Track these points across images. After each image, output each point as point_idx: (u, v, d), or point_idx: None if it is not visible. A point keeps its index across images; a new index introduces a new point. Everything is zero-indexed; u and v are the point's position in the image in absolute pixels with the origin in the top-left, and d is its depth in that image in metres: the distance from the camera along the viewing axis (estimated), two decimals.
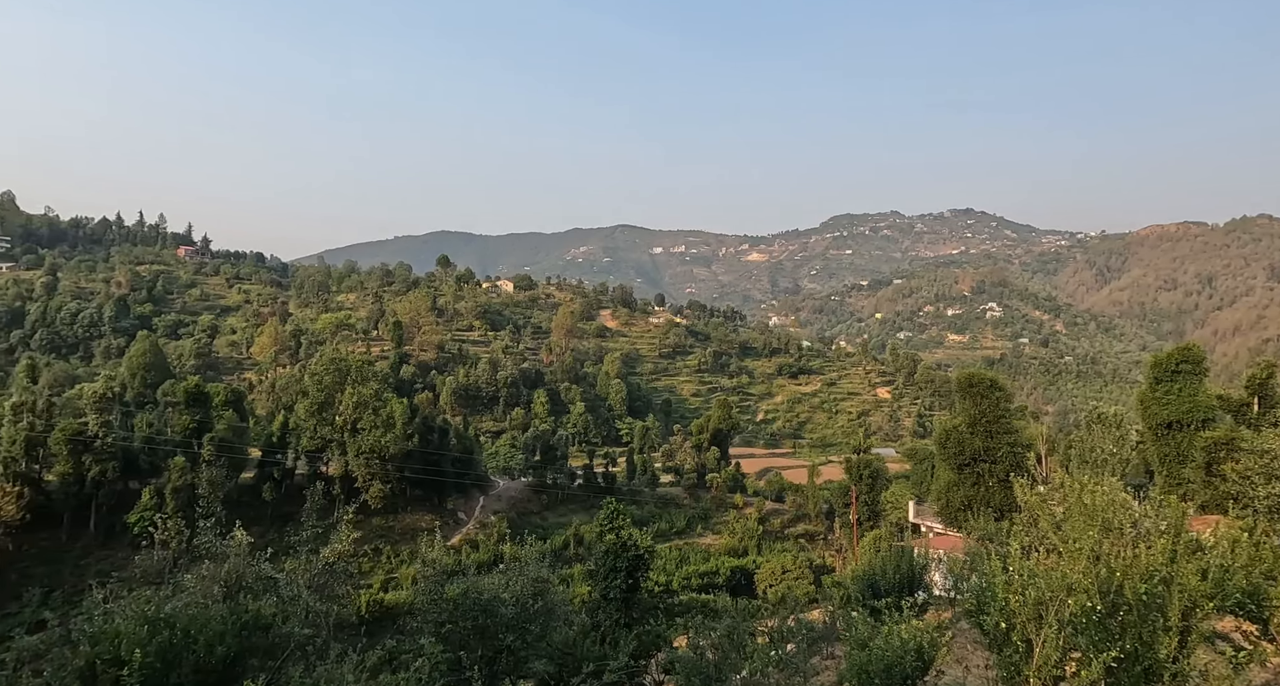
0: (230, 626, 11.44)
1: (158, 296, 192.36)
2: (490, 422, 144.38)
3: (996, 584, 8.24)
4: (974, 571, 16.53)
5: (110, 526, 60.52)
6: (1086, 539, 8.77)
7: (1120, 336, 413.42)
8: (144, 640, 10.24)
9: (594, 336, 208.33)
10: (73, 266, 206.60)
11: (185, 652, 10.75)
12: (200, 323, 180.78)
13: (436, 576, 15.43)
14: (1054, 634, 7.39)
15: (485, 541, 66.54)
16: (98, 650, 10.30)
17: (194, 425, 64.97)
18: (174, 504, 56.67)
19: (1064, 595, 7.50)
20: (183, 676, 10.62)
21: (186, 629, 11.02)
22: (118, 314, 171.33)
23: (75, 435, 61.47)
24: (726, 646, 15.70)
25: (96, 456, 61.49)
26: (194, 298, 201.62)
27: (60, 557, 58.65)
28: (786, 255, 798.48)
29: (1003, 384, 37.70)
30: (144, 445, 65.88)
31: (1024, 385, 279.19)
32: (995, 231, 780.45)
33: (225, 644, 11.18)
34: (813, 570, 57.17)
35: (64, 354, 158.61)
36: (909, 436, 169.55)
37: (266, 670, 11.67)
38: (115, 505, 61.57)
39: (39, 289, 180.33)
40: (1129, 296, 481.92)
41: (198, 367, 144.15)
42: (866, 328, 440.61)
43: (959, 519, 32.57)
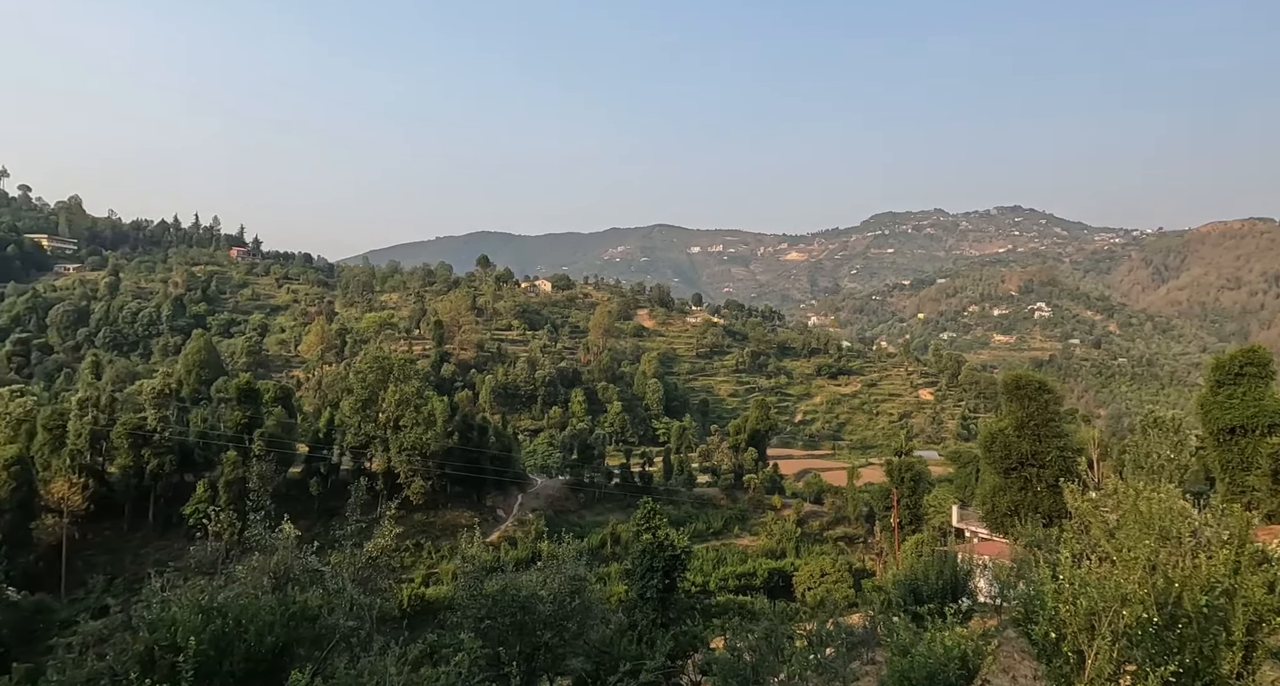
0: (279, 617, 11.80)
1: (212, 296, 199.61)
2: (528, 421, 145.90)
3: (1046, 592, 7.97)
4: (1021, 578, 16.06)
5: (168, 517, 63.02)
6: (1142, 548, 8.42)
7: (1179, 337, 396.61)
8: (199, 628, 10.62)
9: (631, 336, 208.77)
10: (133, 267, 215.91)
11: (237, 641, 11.12)
12: (251, 321, 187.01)
13: (476, 572, 15.67)
14: (1107, 645, 7.12)
15: (523, 538, 67.29)
16: (156, 636, 10.72)
17: (245, 421, 67.16)
18: (226, 497, 58.70)
19: (1118, 605, 7.22)
20: (234, 664, 10.99)
21: (238, 618, 11.41)
22: (174, 313, 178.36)
23: (135, 429, 64.18)
24: (764, 648, 15.56)
25: (155, 450, 64.11)
26: (245, 297, 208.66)
27: (121, 546, 61.33)
28: (826, 254, 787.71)
29: (1052, 386, 36.47)
30: (199, 439, 68.44)
31: (1074, 387, 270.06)
32: (1044, 229, 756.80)
33: (274, 633, 11.54)
34: (852, 573, 56.32)
35: (125, 351, 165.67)
36: (952, 439, 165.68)
37: (313, 660, 11.99)
38: (172, 497, 64.11)
39: (103, 289, 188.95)
40: (1188, 296, 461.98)
41: (249, 365, 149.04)
42: (908, 328, 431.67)
43: (1005, 524, 31.67)
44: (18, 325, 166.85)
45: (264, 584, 13.66)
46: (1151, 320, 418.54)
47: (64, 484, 58.46)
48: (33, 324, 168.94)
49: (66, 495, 57.82)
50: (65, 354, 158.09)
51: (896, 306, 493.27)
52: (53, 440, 61.91)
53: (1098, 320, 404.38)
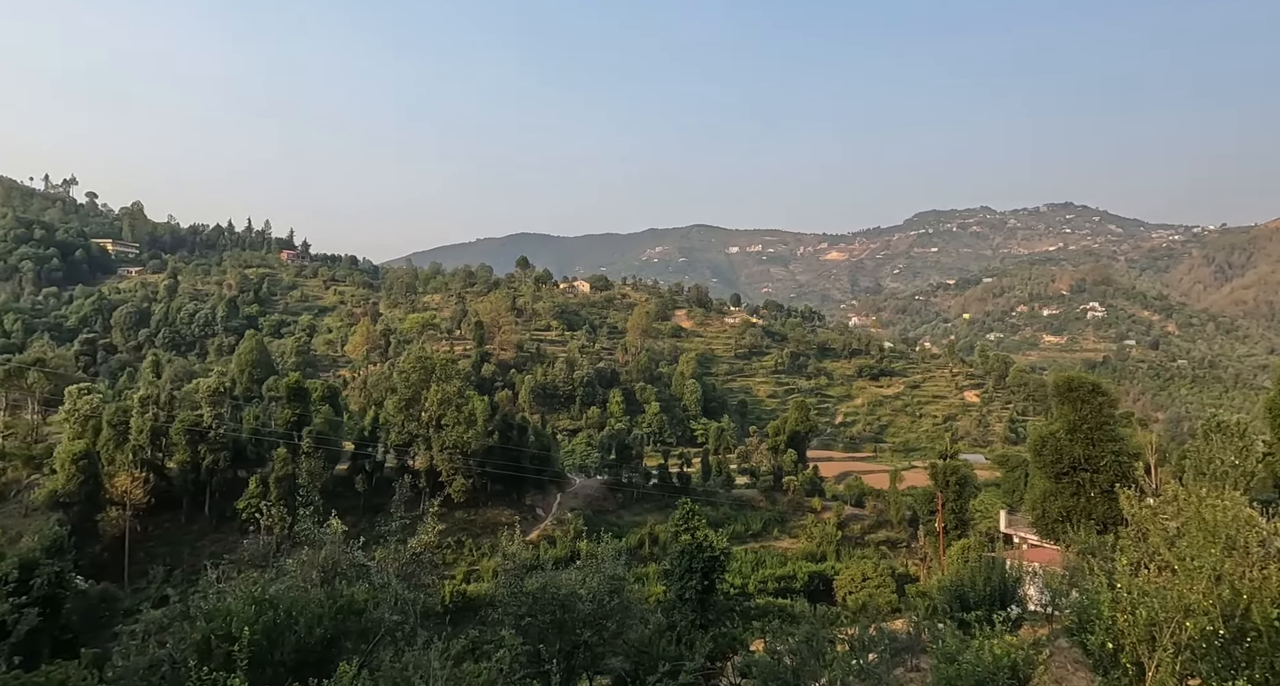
0: (327, 609, 12.12)
1: (263, 297, 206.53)
2: (567, 421, 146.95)
3: (1102, 601, 7.67)
4: (1075, 587, 15.52)
5: (222, 511, 65.37)
6: (1207, 557, 8.04)
7: (1244, 338, 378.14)
8: (252, 619, 10.98)
9: (669, 336, 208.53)
10: (190, 270, 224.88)
11: (287, 632, 11.46)
12: (300, 322, 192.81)
13: (516, 570, 15.83)
14: (1169, 658, 6.81)
15: (562, 537, 67.81)
16: (212, 626, 11.12)
17: (295, 419, 69.22)
18: (277, 492, 60.59)
19: (1181, 617, 6.90)
20: (285, 654, 11.32)
21: (289, 610, 11.75)
22: (228, 314, 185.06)
23: (192, 426, 66.79)
24: (805, 652, 15.36)
25: (210, 446, 66.58)
26: (295, 299, 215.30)
27: (179, 539, 63.88)
28: (867, 254, 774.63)
29: (1106, 388, 35.11)
30: (251, 436, 70.79)
31: (1130, 390, 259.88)
32: (1098, 226, 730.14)
33: (323, 626, 11.86)
34: (895, 578, 55.20)
35: (183, 351, 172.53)
36: (1000, 442, 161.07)
37: (360, 653, 12.28)
38: (226, 492, 66.47)
39: (162, 291, 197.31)
40: (1255, 295, 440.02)
41: (298, 365, 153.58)
42: (953, 328, 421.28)
43: (1056, 531, 30.61)
44: (85, 326, 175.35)
45: (313, 577, 14.04)
46: (1214, 320, 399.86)
47: (127, 478, 61.14)
48: (99, 324, 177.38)
49: (129, 489, 60.46)
50: (128, 353, 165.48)
51: (940, 306, 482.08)
52: (117, 436, 64.80)
53: (1155, 320, 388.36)
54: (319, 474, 64.45)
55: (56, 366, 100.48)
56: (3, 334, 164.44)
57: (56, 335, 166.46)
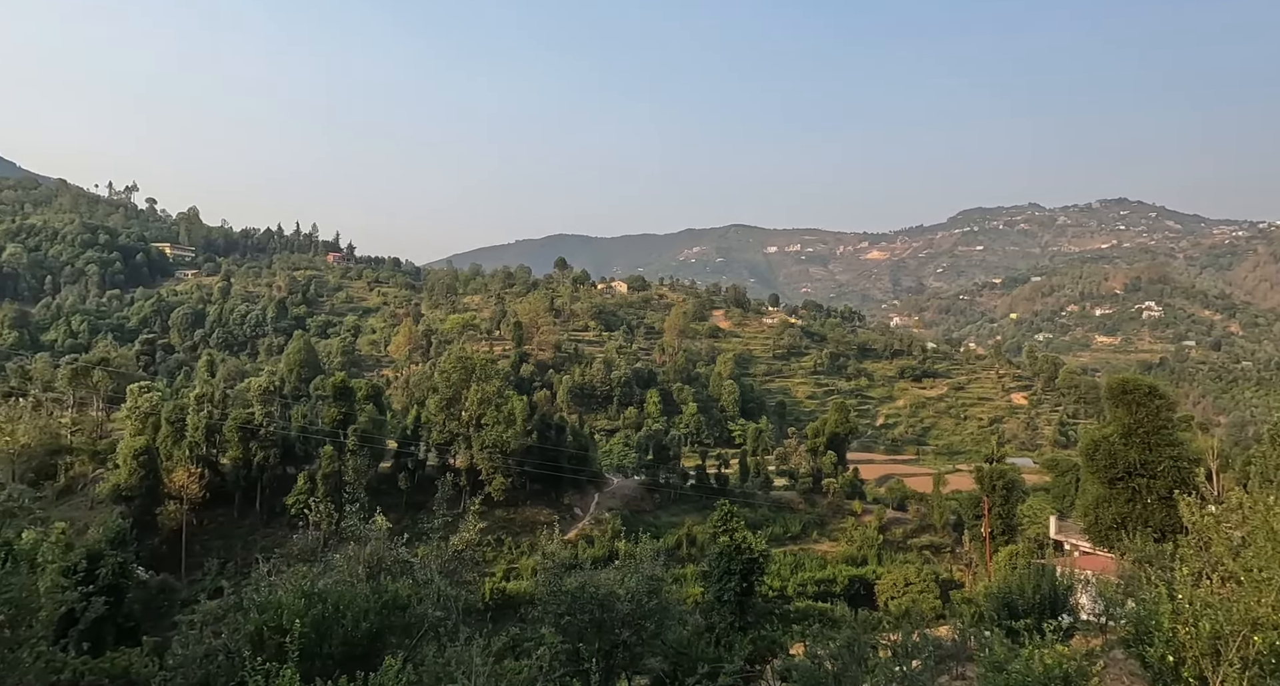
0: (373, 604, 12.42)
1: (310, 299, 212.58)
2: (604, 421, 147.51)
3: (1163, 612, 7.36)
4: (1130, 596, 14.94)
5: (272, 507, 67.41)
6: (1276, 568, 7.66)
7: None
8: (302, 611, 11.31)
9: (706, 337, 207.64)
10: (242, 273, 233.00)
11: (335, 625, 11.78)
12: (345, 323, 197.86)
13: (556, 569, 15.98)
14: (1235, 673, 6.49)
15: (600, 537, 68.07)
16: (264, 618, 11.49)
17: (340, 417, 71.02)
18: (324, 489, 62.22)
19: (1248, 630, 6.58)
20: (333, 647, 11.64)
21: (336, 604, 12.08)
22: (278, 315, 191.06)
23: (244, 424, 69.06)
24: (846, 657, 15.12)
25: (261, 443, 68.75)
26: (340, 300, 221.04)
27: (232, 532, 66.11)
28: (910, 252, 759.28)
29: (1163, 390, 33.75)
30: (299, 434, 72.88)
31: (1189, 393, 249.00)
32: (1155, 223, 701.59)
33: (369, 620, 12.15)
34: (939, 584, 53.97)
35: (235, 351, 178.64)
36: (1049, 446, 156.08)
37: (404, 647, 12.56)
38: (276, 487, 68.53)
39: (216, 293, 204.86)
40: None
41: (343, 364, 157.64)
42: (999, 328, 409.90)
43: (1110, 538, 29.52)
44: (145, 326, 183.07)
45: (359, 572, 14.42)
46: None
47: (184, 473, 63.57)
48: (157, 325, 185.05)
49: (186, 484, 62.85)
50: (184, 353, 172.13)
51: (986, 306, 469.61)
52: (174, 433, 67.44)
53: (1217, 320, 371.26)
54: (364, 471, 65.96)
55: (119, 366, 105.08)
56: (70, 334, 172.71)
57: (119, 335, 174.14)
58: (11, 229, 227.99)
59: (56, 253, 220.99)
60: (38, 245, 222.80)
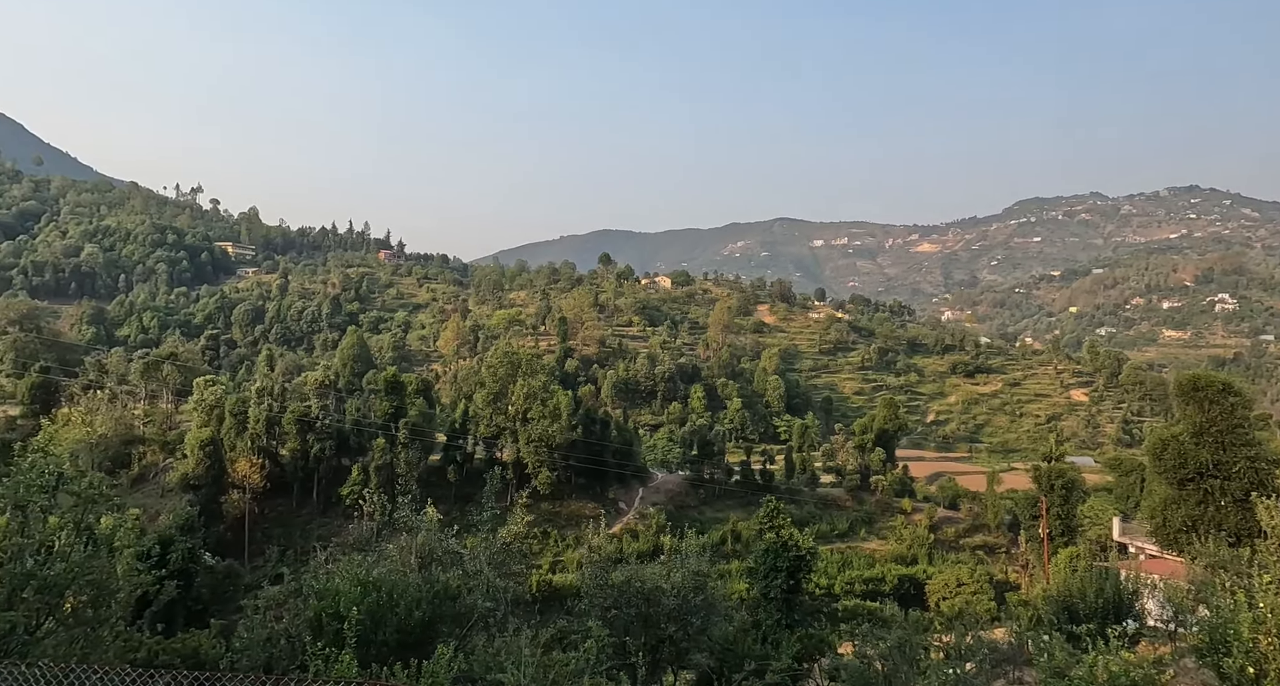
0: (425, 593, 12.72)
1: (363, 295, 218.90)
2: (648, 416, 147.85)
3: (1241, 620, 6.98)
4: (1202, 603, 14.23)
5: (328, 497, 69.74)
6: None
7: None
8: (358, 599, 11.66)
9: (751, 332, 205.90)
10: (299, 270, 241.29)
11: (389, 613, 12.11)
12: (396, 319, 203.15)
13: (602, 562, 16.09)
14: None
15: (644, 532, 68.29)
16: (323, 604, 11.89)
17: (392, 411, 72.93)
18: (376, 480, 63.96)
19: None
20: (387, 634, 11.97)
21: (390, 592, 12.42)
22: (332, 311, 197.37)
23: (302, 417, 71.54)
24: (897, 658, 14.81)
25: (317, 436, 71.16)
26: (391, 296, 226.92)
27: (291, 521, 68.62)
28: (962, 245, 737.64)
29: (1239, 387, 32.00)
30: (353, 427, 75.16)
31: (1268, 390, 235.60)
32: (1229, 211, 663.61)
33: (421, 609, 12.46)
34: (993, 586, 52.39)
35: (293, 346, 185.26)
36: (1111, 444, 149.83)
37: (455, 636, 12.83)
38: (331, 479, 70.84)
39: (274, 290, 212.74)
40: None
41: (394, 359, 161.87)
42: (1058, 323, 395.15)
43: (1179, 541, 28.20)
44: (210, 322, 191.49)
45: (411, 562, 14.78)
46: None
47: (246, 464, 66.28)
48: (221, 321, 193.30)
49: (248, 474, 65.52)
50: (246, 348, 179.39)
51: (1043, 300, 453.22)
52: (237, 425, 70.35)
53: None
54: (415, 463, 67.61)
55: (186, 360, 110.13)
56: (142, 330, 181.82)
57: (186, 331, 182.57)
58: (89, 230, 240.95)
59: (129, 252, 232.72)
60: (112, 245, 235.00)
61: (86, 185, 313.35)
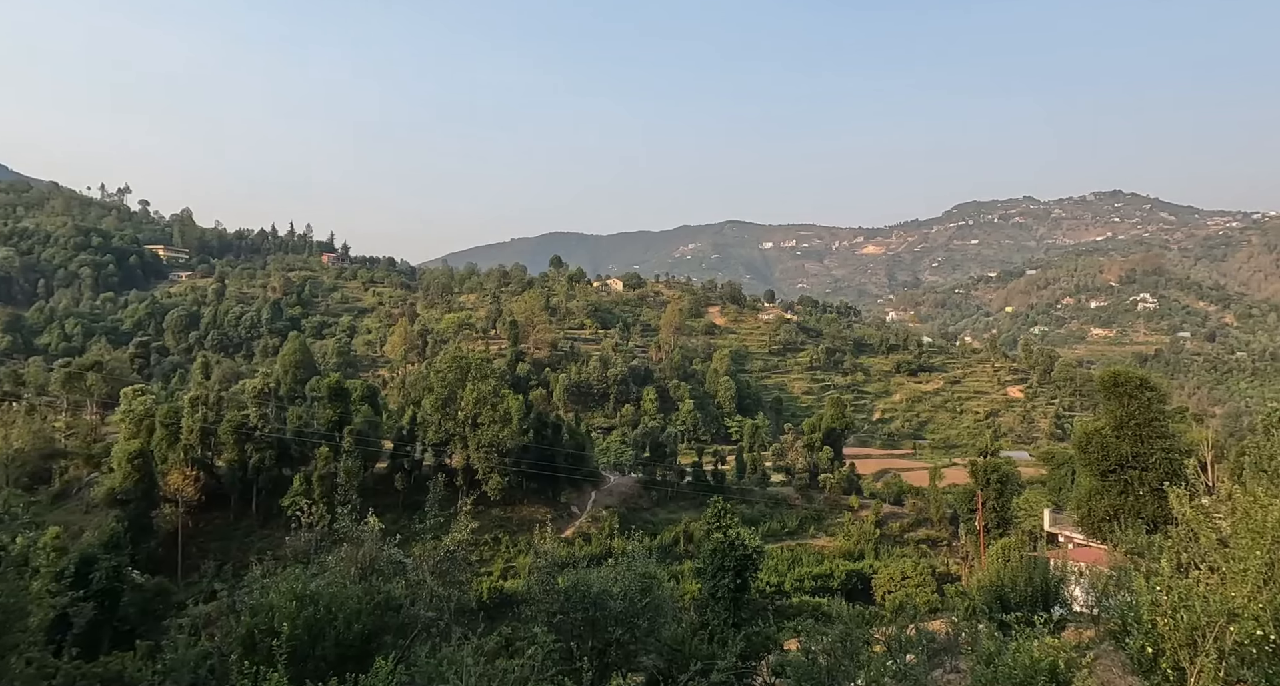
0: (365, 606, 12.44)
1: (305, 300, 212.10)
2: (601, 419, 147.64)
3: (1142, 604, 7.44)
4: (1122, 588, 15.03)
5: (269, 508, 67.34)
6: (1254, 558, 7.74)
7: None
8: (293, 614, 11.33)
9: (702, 333, 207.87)
10: (237, 274, 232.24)
11: (328, 627, 11.81)
12: (341, 323, 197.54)
13: (549, 567, 16.00)
14: (1212, 664, 6.57)
15: (597, 535, 68.18)
16: (255, 621, 11.51)
17: (336, 418, 70.94)
18: (319, 490, 62.17)
19: (1224, 621, 6.65)
20: (325, 648, 11.66)
21: (329, 606, 12.10)
22: (273, 316, 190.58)
23: (239, 426, 68.94)
24: (840, 652, 15.17)
25: (256, 445, 68.66)
26: (335, 300, 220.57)
27: (229, 534, 66.01)
28: (905, 247, 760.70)
29: (1155, 382, 33.95)
30: (295, 436, 72.80)
31: (1184, 384, 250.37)
32: (1149, 214, 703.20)
33: (361, 621, 12.18)
34: (935, 578, 54.23)
35: (230, 352, 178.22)
36: (1045, 439, 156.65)
37: (397, 648, 12.59)
38: (272, 489, 68.44)
39: (210, 295, 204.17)
40: None
41: (339, 365, 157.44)
42: (995, 322, 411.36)
43: (1103, 530, 29.72)
44: (139, 329, 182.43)
45: (352, 574, 14.42)
46: (1276, 310, 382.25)
47: (179, 476, 63.46)
48: (151, 328, 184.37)
49: (182, 486, 62.75)
50: (179, 355, 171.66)
51: (982, 300, 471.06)
52: (169, 435, 67.29)
53: (1211, 311, 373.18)
54: (356, 472, 65.86)
55: (113, 369, 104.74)
56: (64, 338, 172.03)
57: (113, 338, 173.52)
58: (4, 232, 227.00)
59: (49, 256, 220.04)
60: (30, 248, 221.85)
61: (1, 185, 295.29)
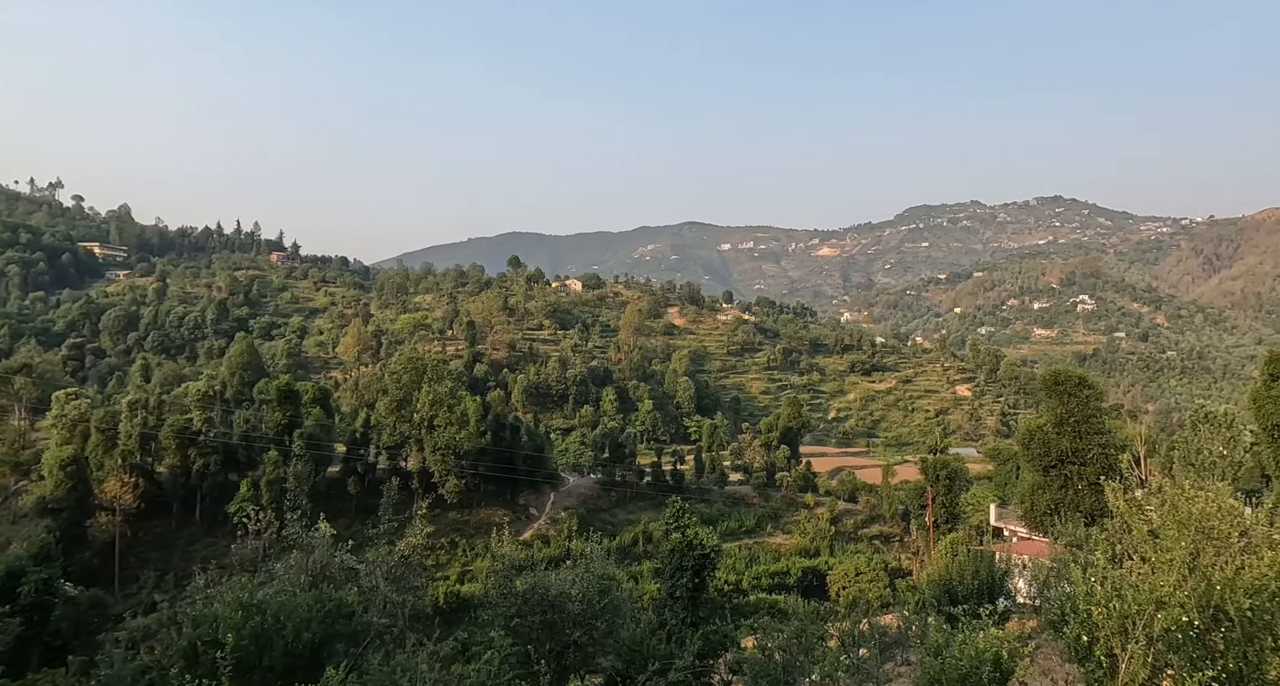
0: (315, 613, 12.11)
1: (253, 300, 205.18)
2: (560, 420, 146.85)
3: (1078, 594, 7.78)
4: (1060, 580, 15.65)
5: (214, 515, 65.02)
6: (1179, 549, 8.17)
7: (1232, 329, 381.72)
8: (239, 624, 10.96)
9: (661, 334, 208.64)
10: (179, 273, 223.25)
11: (275, 637, 11.45)
12: (291, 324, 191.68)
13: (506, 571, 15.86)
14: (1141, 650, 6.91)
15: (556, 537, 67.78)
16: (198, 632, 11.10)
17: (286, 422, 68.90)
18: (268, 495, 60.29)
19: (1153, 609, 7.01)
20: (274, 659, 11.31)
21: (277, 614, 11.74)
22: (218, 317, 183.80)
23: (182, 430, 66.37)
24: (795, 649, 15.42)
25: (201, 450, 66.22)
26: (285, 301, 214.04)
27: (172, 543, 63.48)
28: (859, 249, 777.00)
29: (1092, 381, 35.48)
30: (242, 440, 70.43)
31: (1120, 382, 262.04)
32: (1087, 219, 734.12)
33: (311, 630, 11.85)
34: (888, 573, 55.53)
35: (173, 354, 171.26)
36: (992, 436, 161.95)
37: (349, 656, 12.29)
38: (218, 496, 66.10)
39: (151, 294, 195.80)
40: (1242, 286, 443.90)
41: (289, 367, 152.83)
42: (944, 323, 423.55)
43: (1044, 523, 30.91)
44: (73, 330, 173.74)
45: (302, 581, 14.03)
46: (1203, 312, 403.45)
47: (116, 483, 60.75)
48: (86, 329, 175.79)
49: (119, 494, 60.09)
50: (117, 357, 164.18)
51: (932, 301, 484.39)
52: (105, 441, 64.35)
53: (1145, 312, 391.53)
54: (307, 477, 64.11)
55: (44, 371, 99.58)
56: None
57: (44, 340, 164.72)
58: None
59: None
60: None
61: None
